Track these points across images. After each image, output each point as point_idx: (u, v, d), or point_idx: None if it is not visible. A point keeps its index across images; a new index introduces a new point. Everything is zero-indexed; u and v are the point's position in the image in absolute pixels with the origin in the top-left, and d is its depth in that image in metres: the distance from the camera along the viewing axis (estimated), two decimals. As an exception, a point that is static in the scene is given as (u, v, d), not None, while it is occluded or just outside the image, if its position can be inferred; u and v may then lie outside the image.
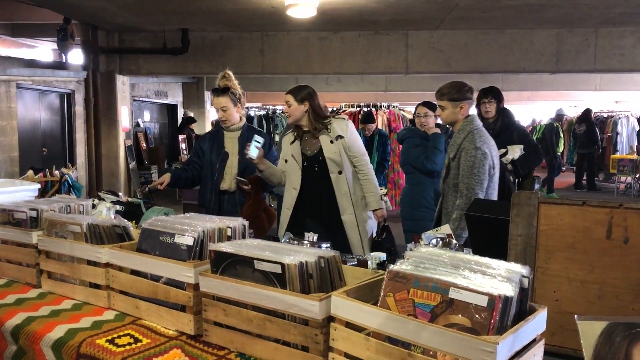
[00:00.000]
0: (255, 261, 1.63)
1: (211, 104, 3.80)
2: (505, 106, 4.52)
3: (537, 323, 1.42)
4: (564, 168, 16.74)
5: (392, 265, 1.53)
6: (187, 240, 1.87)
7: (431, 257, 1.54)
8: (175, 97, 13.55)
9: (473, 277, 1.43)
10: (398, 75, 10.20)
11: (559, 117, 12.84)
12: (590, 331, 1.29)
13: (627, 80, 14.09)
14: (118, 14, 7.40)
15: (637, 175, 11.97)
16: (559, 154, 12.21)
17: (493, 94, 4.38)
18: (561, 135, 12.29)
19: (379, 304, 1.48)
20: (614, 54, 8.49)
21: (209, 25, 8.13)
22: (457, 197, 3.03)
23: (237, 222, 2.01)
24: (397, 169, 8.68)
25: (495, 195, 3.07)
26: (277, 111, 9.25)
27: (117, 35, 8.63)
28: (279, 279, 1.59)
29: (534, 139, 12.22)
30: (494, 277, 1.41)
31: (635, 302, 1.58)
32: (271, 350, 1.61)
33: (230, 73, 3.68)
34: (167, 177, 3.61)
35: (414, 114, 4.94)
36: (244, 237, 2.02)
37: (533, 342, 1.42)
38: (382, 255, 2.56)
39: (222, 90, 3.63)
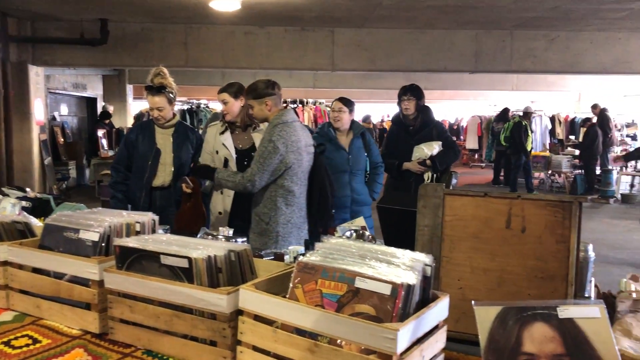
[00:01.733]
0: (161, 256, 1.59)
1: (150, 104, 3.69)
2: (427, 104, 4.62)
3: (439, 310, 1.47)
4: (483, 165, 17.48)
5: (301, 257, 1.54)
6: (93, 235, 1.80)
7: (340, 248, 1.56)
8: (95, 89, 13.01)
9: (379, 266, 1.45)
10: (325, 72, 10.28)
11: (527, 114, 12.14)
12: (485, 316, 1.34)
13: (540, 81, 14.90)
14: (30, 0, 7.00)
15: (550, 172, 12.66)
16: (529, 151, 11.70)
17: (412, 91, 4.46)
18: (529, 133, 11.80)
19: (288, 296, 1.49)
20: (528, 55, 8.93)
21: (130, 16, 7.85)
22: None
23: (147, 217, 1.95)
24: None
25: (299, 187, 3.22)
26: (202, 105, 9.07)
27: (29, 24, 8.17)
28: (186, 274, 1.56)
29: (502, 137, 12.45)
30: (398, 266, 1.45)
31: (530, 288, 1.66)
32: (179, 346, 1.58)
33: (166, 70, 3.59)
34: None
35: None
36: (154, 232, 1.97)
37: (435, 328, 1.46)
38: (301, 249, 2.56)
39: (158, 89, 3.53)
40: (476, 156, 18.28)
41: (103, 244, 1.80)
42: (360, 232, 2.14)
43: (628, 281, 2.14)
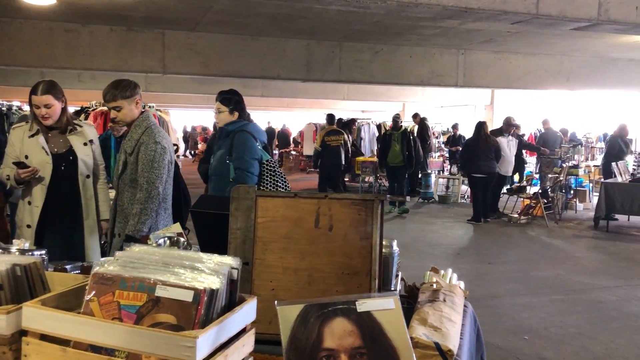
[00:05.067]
0: None
1: None
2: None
3: (246, 313, 1.44)
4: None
5: (97, 267, 1.42)
6: None
7: (142, 256, 1.47)
8: None
9: (182, 273, 1.39)
10: (157, 75, 9.88)
11: (395, 122, 11.07)
12: (288, 315, 1.35)
13: (368, 91, 15.87)
14: None
15: (377, 175, 13.50)
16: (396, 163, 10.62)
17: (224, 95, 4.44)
18: (397, 142, 10.58)
19: (82, 311, 1.36)
20: (355, 66, 9.44)
21: None
22: (137, 192, 3.04)
23: None
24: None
25: (171, 189, 3.20)
26: (14, 107, 8.23)
27: None
28: (-43, 294, 1.36)
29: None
30: (203, 271, 1.40)
31: (338, 285, 1.72)
32: (-52, 378, 1.36)
33: None
34: None
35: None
36: None
37: (243, 331, 1.43)
38: (114, 260, 2.39)
39: None
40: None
41: None
42: (175, 239, 2.05)
43: (430, 273, 2.32)
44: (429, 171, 12.58)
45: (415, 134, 11.94)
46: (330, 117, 11.57)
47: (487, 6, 4.06)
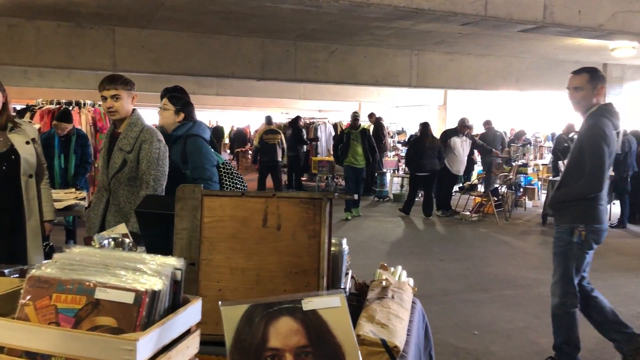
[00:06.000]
0: None
1: None
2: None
3: (190, 314, 1.41)
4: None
5: (33, 270, 1.37)
6: None
7: (82, 258, 1.42)
8: None
9: (124, 274, 1.36)
10: (107, 73, 9.66)
11: (354, 120, 10.26)
12: (232, 315, 1.33)
13: (325, 91, 15.92)
14: None
15: (334, 175, 13.56)
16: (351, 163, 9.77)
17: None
18: (357, 141, 9.83)
19: (17, 316, 1.31)
20: (310, 66, 9.45)
21: None
22: (142, 190, 3.07)
23: None
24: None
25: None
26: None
27: None
28: None
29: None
30: (145, 273, 1.37)
31: (286, 284, 1.71)
32: None
33: None
34: None
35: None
36: None
37: (187, 333, 1.41)
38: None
39: None
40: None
41: None
42: (120, 240, 2.00)
43: (380, 271, 2.34)
44: (384, 170, 12.70)
45: (371, 134, 12.02)
46: (268, 119, 12.92)
47: (437, 7, 4.13)
